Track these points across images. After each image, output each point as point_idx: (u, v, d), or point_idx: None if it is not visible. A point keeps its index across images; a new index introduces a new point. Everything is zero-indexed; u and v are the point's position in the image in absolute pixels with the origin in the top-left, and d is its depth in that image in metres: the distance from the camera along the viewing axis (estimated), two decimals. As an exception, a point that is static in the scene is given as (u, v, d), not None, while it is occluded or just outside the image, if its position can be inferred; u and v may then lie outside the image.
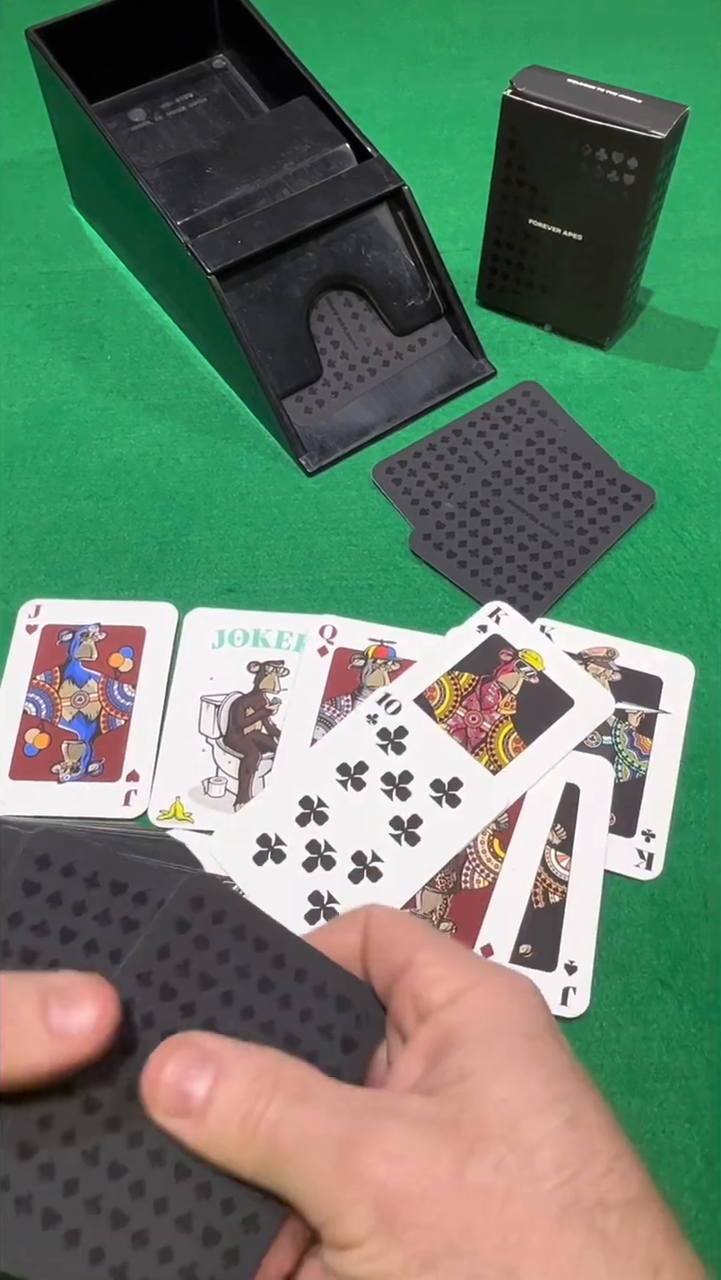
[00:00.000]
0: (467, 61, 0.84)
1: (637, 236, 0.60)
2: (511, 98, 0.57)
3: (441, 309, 0.65)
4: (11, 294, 0.70)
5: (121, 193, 0.62)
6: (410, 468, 0.61)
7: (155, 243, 0.62)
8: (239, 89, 0.70)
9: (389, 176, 0.62)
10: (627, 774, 0.50)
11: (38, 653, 0.54)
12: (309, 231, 0.60)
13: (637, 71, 0.83)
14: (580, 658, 0.54)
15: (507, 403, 0.64)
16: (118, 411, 0.64)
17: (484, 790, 0.49)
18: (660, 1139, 0.42)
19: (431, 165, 0.76)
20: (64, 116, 0.65)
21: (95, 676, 0.53)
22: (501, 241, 0.64)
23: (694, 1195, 0.41)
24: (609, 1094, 0.43)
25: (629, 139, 0.56)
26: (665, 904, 0.47)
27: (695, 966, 0.46)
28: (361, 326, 0.64)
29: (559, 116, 0.57)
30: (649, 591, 0.57)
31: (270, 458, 0.62)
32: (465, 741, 0.51)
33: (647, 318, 0.69)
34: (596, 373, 0.66)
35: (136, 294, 0.69)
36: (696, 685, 0.53)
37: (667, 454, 0.62)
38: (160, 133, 0.68)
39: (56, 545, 0.58)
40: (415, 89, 0.82)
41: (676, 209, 0.73)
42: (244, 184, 0.61)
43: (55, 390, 0.65)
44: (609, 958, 0.46)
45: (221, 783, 0.50)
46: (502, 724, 0.51)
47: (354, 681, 0.53)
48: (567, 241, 0.62)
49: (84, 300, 0.69)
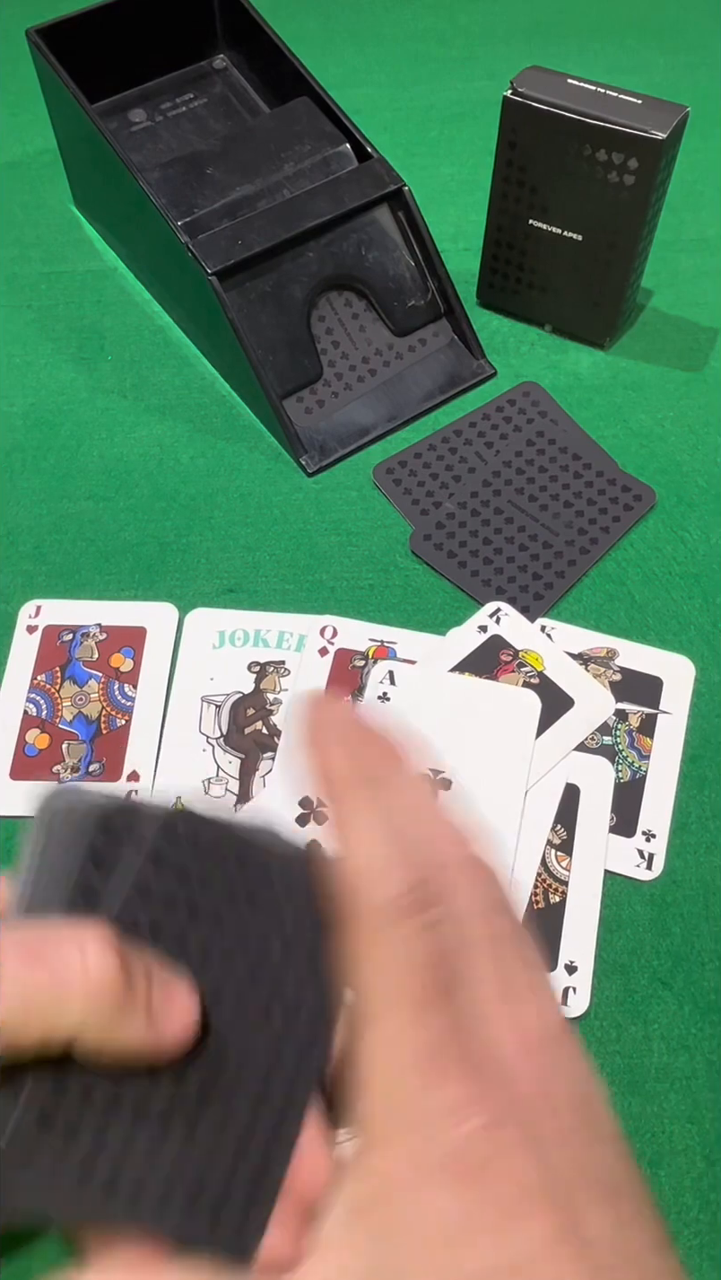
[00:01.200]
0: (468, 61, 0.84)
1: (637, 236, 0.60)
2: (511, 98, 0.57)
3: (441, 309, 0.65)
4: (12, 294, 0.70)
5: (122, 193, 0.62)
6: (410, 468, 0.61)
7: (156, 243, 0.62)
8: (239, 89, 0.70)
9: (389, 177, 0.62)
10: (628, 774, 0.51)
11: (38, 653, 0.54)
12: (309, 232, 0.60)
13: (637, 71, 0.83)
14: (580, 658, 0.54)
15: (508, 403, 0.64)
16: (118, 412, 0.64)
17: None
18: (660, 1139, 0.42)
19: (431, 165, 0.76)
20: (64, 117, 0.65)
21: (96, 676, 0.53)
22: (501, 242, 0.64)
23: (694, 1195, 0.41)
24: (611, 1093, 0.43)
25: (629, 139, 0.56)
26: (665, 904, 0.47)
27: (695, 966, 0.46)
28: (362, 327, 0.64)
29: (559, 117, 0.57)
30: (649, 592, 0.57)
31: (271, 458, 0.62)
32: (465, 742, 0.51)
33: (647, 318, 0.69)
34: (596, 373, 0.66)
35: (137, 294, 0.69)
36: (696, 685, 0.53)
37: (667, 454, 0.62)
38: (160, 133, 0.68)
39: (57, 545, 0.58)
40: (415, 89, 0.82)
41: (676, 209, 0.73)
42: (244, 184, 0.61)
43: (55, 390, 0.65)
44: (609, 958, 0.46)
45: (222, 783, 0.50)
46: (503, 724, 0.51)
47: (355, 681, 0.53)
48: (567, 241, 0.62)
49: (84, 300, 0.69)
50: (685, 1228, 0.40)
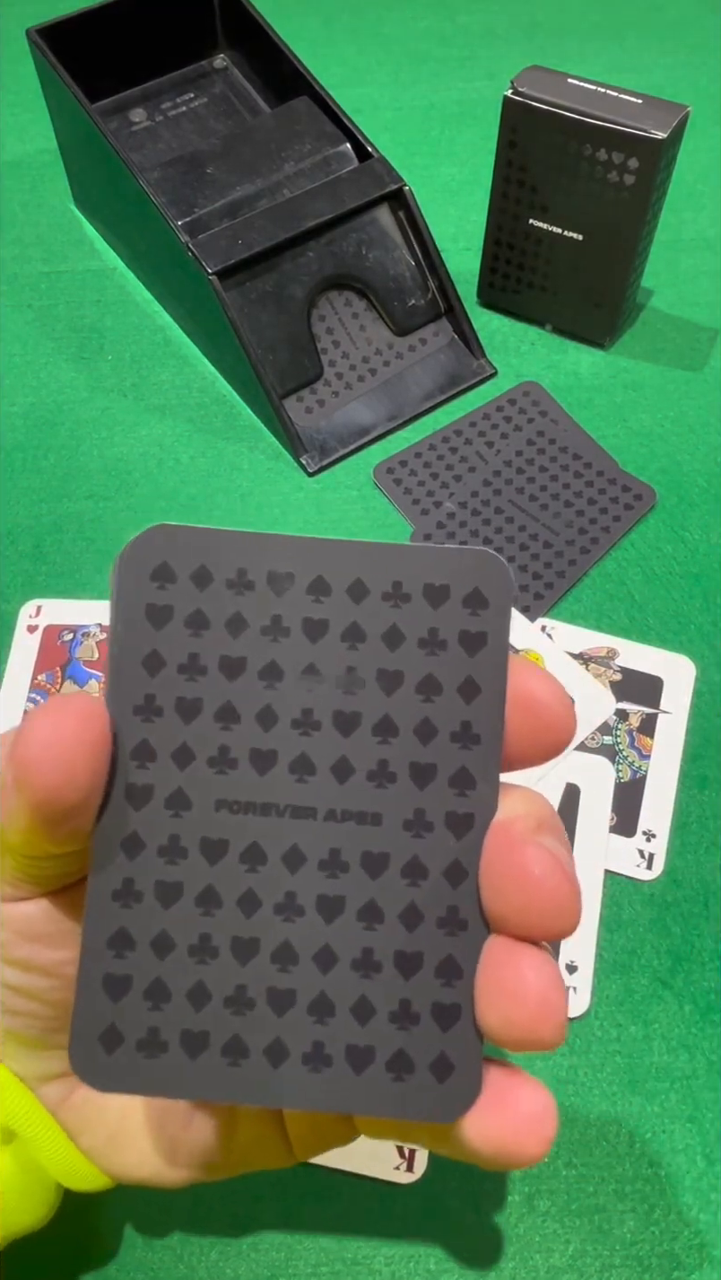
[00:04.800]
0: (468, 61, 0.84)
1: (637, 236, 0.60)
2: (511, 98, 0.57)
3: (442, 309, 0.65)
4: (12, 294, 0.70)
5: (122, 193, 0.62)
6: (411, 468, 0.61)
7: (156, 243, 0.62)
8: (239, 89, 0.70)
9: (389, 176, 0.62)
10: (628, 774, 0.51)
11: (39, 653, 0.54)
12: (310, 231, 0.60)
13: (638, 71, 0.83)
14: (581, 657, 0.54)
15: (508, 403, 0.64)
16: (118, 411, 0.64)
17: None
18: (660, 1139, 0.42)
19: (431, 165, 0.76)
20: (64, 116, 0.65)
21: (96, 676, 0.53)
22: (502, 241, 0.64)
23: (694, 1195, 0.41)
24: (609, 1094, 0.43)
25: (629, 139, 0.56)
26: (665, 904, 0.47)
27: (695, 966, 0.46)
28: (362, 326, 0.64)
29: (559, 116, 0.57)
30: (649, 591, 0.57)
31: (271, 458, 0.62)
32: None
33: (647, 318, 0.69)
34: (596, 373, 0.66)
35: (137, 294, 0.69)
36: (697, 685, 0.53)
37: (668, 454, 0.62)
38: (161, 133, 0.68)
39: (57, 545, 0.58)
40: (415, 89, 0.82)
41: (676, 209, 0.73)
42: (245, 184, 0.61)
43: (55, 390, 0.65)
44: (609, 958, 0.46)
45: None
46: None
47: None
48: (568, 241, 0.62)
49: (84, 300, 0.69)
50: (685, 1228, 0.40)
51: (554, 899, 0.21)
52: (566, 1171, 0.42)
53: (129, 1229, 0.40)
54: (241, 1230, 0.40)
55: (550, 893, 0.20)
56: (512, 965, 0.21)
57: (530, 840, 0.21)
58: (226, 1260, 0.39)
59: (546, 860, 0.21)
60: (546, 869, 0.21)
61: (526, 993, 0.20)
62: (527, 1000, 0.20)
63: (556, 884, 0.21)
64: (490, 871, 0.21)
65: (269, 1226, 0.40)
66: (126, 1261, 0.39)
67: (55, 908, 0.24)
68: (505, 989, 0.21)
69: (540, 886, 0.20)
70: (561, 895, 0.21)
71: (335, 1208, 0.40)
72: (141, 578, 0.21)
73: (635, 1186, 0.41)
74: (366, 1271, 0.39)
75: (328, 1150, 0.27)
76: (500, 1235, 0.40)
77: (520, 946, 0.21)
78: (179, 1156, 0.27)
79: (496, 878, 0.21)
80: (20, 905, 0.24)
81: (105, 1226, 0.40)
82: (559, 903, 0.21)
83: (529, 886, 0.21)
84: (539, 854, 0.21)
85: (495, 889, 0.21)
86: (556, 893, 0.20)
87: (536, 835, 0.21)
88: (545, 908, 0.21)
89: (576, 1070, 0.44)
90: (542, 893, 0.20)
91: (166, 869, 0.21)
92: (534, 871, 0.21)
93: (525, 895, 0.21)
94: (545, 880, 0.20)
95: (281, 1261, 0.39)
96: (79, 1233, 0.40)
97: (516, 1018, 0.20)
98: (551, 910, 0.21)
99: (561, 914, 0.21)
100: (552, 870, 0.21)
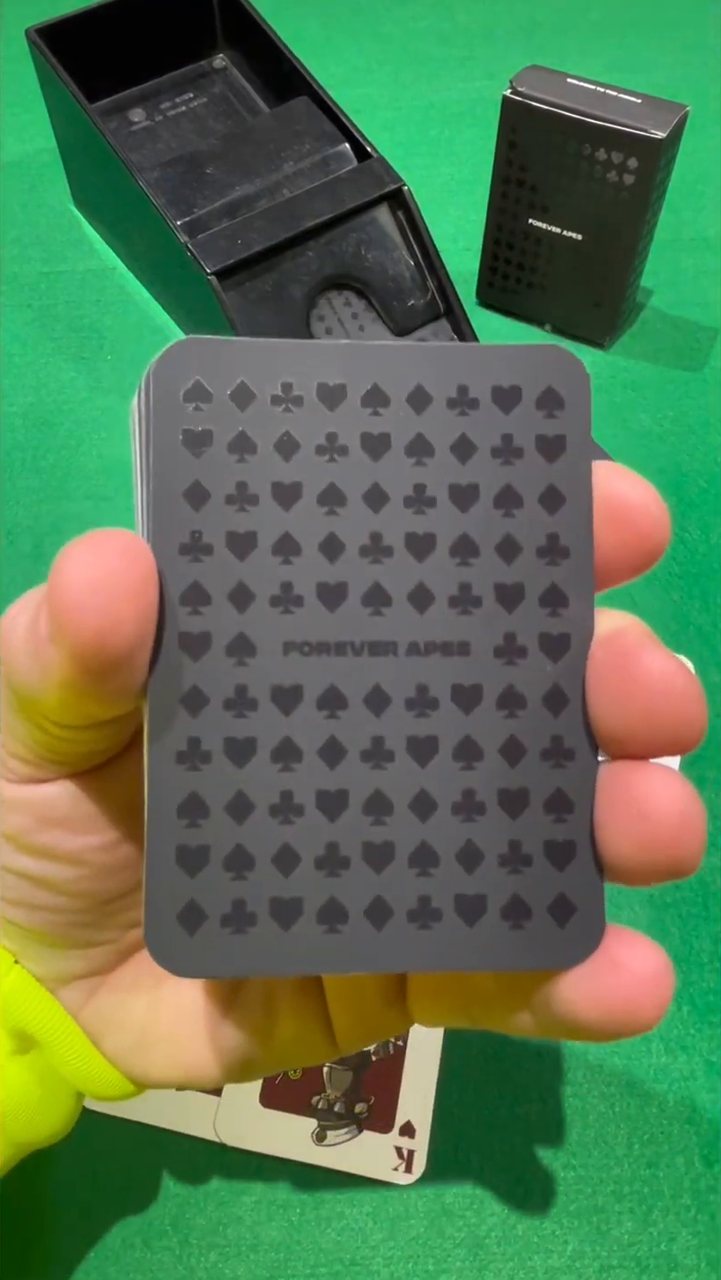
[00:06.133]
0: (467, 61, 0.84)
1: (637, 236, 0.60)
2: (511, 98, 0.57)
3: (441, 309, 0.65)
4: (12, 294, 0.70)
5: (121, 193, 0.62)
6: (410, 468, 0.61)
7: (155, 243, 0.62)
8: (239, 89, 0.70)
9: (389, 176, 0.62)
10: (627, 774, 0.50)
11: (38, 653, 0.54)
12: (309, 231, 0.60)
13: (637, 71, 0.83)
14: (580, 658, 0.54)
15: (507, 403, 0.64)
16: (118, 411, 0.64)
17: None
18: (660, 1139, 0.42)
19: (431, 165, 0.76)
20: (64, 116, 0.65)
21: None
22: (501, 241, 0.64)
23: (692, 1196, 0.41)
24: (608, 1094, 0.43)
25: (629, 139, 0.55)
26: (665, 904, 0.47)
27: (695, 967, 0.46)
28: (361, 326, 0.64)
29: (559, 116, 0.57)
30: (649, 591, 0.57)
31: (270, 458, 0.62)
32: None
33: (647, 318, 0.69)
34: (596, 373, 0.66)
35: (137, 294, 0.69)
36: (696, 685, 0.53)
37: (667, 454, 0.62)
38: (160, 133, 0.68)
39: (56, 545, 0.58)
40: (415, 89, 0.82)
41: (676, 209, 0.73)
42: (244, 184, 0.61)
43: (55, 390, 0.65)
44: (608, 958, 0.46)
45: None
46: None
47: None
48: (567, 241, 0.62)
49: (84, 300, 0.69)
50: (684, 1228, 0.40)
51: (682, 703, 0.19)
52: (564, 1172, 0.42)
53: (129, 1229, 0.40)
54: (241, 1231, 0.40)
55: (678, 697, 0.19)
56: (642, 784, 0.19)
57: (645, 646, 0.19)
58: (226, 1261, 0.39)
59: (668, 663, 0.19)
60: (670, 670, 0.19)
61: (662, 811, 0.18)
62: (666, 819, 0.18)
63: (684, 687, 0.19)
64: (601, 688, 0.19)
65: (268, 1227, 0.40)
66: (126, 1262, 0.39)
67: (80, 789, 0.22)
68: (636, 811, 0.19)
69: (667, 691, 0.18)
70: (690, 699, 0.19)
71: (334, 1208, 0.40)
72: (173, 400, 0.19)
73: (633, 1187, 0.41)
74: (365, 1272, 0.39)
75: (375, 1042, 0.23)
76: (499, 1236, 0.40)
77: (643, 765, 0.19)
78: (215, 1055, 0.25)
79: (611, 692, 0.19)
80: (40, 788, 0.22)
81: (105, 1226, 0.40)
82: (687, 708, 0.19)
83: (653, 693, 0.19)
84: (658, 656, 0.19)
85: (610, 705, 0.19)
86: (685, 696, 0.19)
87: (650, 641, 0.19)
88: (673, 715, 0.19)
89: (574, 1071, 0.44)
90: (670, 698, 0.18)
91: (236, 723, 0.19)
92: (656, 675, 0.19)
93: (649, 702, 0.19)
94: (671, 683, 0.19)
95: (280, 1262, 0.39)
96: (79, 1232, 0.40)
97: (656, 837, 0.18)
98: (680, 717, 0.19)
99: (691, 721, 0.19)
100: (677, 671, 0.19)
